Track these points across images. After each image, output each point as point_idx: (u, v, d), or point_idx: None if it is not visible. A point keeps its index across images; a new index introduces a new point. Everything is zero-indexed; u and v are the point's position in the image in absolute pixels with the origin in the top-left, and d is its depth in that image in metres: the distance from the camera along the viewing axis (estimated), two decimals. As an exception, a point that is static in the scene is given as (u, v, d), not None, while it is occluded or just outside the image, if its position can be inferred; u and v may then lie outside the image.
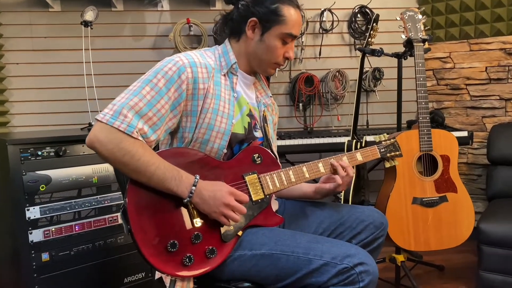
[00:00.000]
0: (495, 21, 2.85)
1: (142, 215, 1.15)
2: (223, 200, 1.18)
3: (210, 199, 1.17)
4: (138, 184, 1.16)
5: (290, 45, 1.36)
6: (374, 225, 1.42)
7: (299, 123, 3.01)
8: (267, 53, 1.34)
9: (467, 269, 2.54)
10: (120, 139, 1.13)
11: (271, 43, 1.32)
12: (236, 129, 1.34)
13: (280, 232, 1.26)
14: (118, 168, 1.16)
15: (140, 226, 1.14)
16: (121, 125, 1.13)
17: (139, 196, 1.17)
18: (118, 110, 1.15)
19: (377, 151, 1.56)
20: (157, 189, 1.16)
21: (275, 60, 1.36)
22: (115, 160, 1.13)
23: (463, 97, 3.01)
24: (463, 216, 2.01)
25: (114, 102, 1.17)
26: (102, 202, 2.07)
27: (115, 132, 1.13)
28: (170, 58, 1.26)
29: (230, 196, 1.19)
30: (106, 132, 1.13)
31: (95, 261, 2.02)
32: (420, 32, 2.03)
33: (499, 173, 2.67)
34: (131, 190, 1.16)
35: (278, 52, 1.34)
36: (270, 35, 1.32)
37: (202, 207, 1.18)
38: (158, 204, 1.18)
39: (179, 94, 1.23)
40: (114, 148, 1.12)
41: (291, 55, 1.37)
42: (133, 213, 1.14)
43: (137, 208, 1.15)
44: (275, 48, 1.33)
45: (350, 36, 3.06)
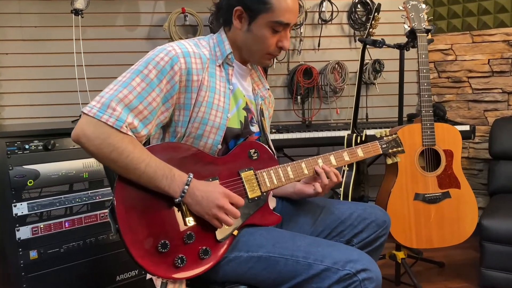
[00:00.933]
0: (499, 12, 2.78)
1: (131, 214, 1.08)
2: (217, 202, 1.11)
3: (203, 200, 1.10)
4: (127, 181, 1.10)
5: (283, 33, 1.25)
6: (376, 223, 1.36)
7: (297, 116, 2.94)
8: (257, 43, 1.25)
9: (468, 266, 2.49)
10: (108, 134, 1.05)
11: (259, 33, 1.23)
12: (232, 123, 1.26)
13: (279, 234, 1.19)
14: (106, 165, 1.09)
15: (129, 225, 1.07)
16: (109, 119, 1.06)
17: (128, 193, 1.10)
18: (106, 103, 1.07)
19: (378, 147, 1.49)
20: (148, 187, 1.09)
21: (267, 51, 1.27)
22: (103, 156, 1.06)
23: (464, 90, 2.94)
24: (466, 213, 1.95)
25: (101, 94, 1.10)
26: (93, 198, 2.00)
27: (103, 127, 1.05)
28: (162, 48, 1.18)
29: (224, 198, 1.12)
30: (93, 127, 1.05)
31: (86, 259, 1.96)
32: (424, 22, 1.96)
33: (501, 168, 2.61)
34: (119, 187, 1.10)
35: (269, 42, 1.25)
36: (257, 24, 1.22)
37: (195, 208, 1.11)
38: (148, 202, 1.11)
39: (171, 86, 1.16)
40: (101, 144, 1.05)
41: (285, 44, 1.26)
42: (121, 211, 1.07)
43: (126, 206, 1.08)
44: (264, 38, 1.24)
45: (349, 27, 2.98)
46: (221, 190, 1.13)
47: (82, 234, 1.94)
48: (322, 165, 1.34)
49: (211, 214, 1.11)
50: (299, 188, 1.40)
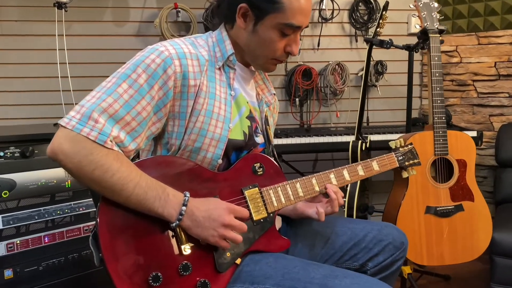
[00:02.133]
0: (506, 13, 2.66)
1: (118, 241, 0.93)
2: (221, 220, 0.96)
3: (205, 220, 0.95)
4: (112, 201, 0.94)
5: (292, 37, 1.09)
6: (393, 246, 1.22)
7: (295, 120, 2.79)
8: (262, 47, 1.09)
9: (475, 279, 2.37)
10: (90, 150, 0.89)
11: (265, 36, 1.07)
12: (234, 134, 1.11)
13: (289, 262, 1.04)
14: (88, 185, 0.92)
15: (115, 254, 0.91)
16: (90, 132, 0.90)
17: (114, 216, 0.94)
18: (87, 114, 0.91)
19: (395, 160, 1.35)
20: (138, 210, 0.93)
21: (273, 56, 1.11)
22: (84, 176, 0.90)
23: (469, 94, 2.82)
24: (479, 227, 1.82)
25: (82, 103, 0.94)
26: (77, 209, 1.82)
27: (83, 141, 0.90)
28: (153, 48, 1.02)
29: (229, 215, 0.98)
30: (71, 141, 0.89)
31: (68, 277, 1.78)
32: (436, 22, 1.82)
33: (509, 176, 2.50)
34: (103, 208, 0.94)
35: (276, 46, 1.09)
36: (264, 25, 1.06)
37: (195, 231, 0.96)
38: (137, 227, 0.95)
39: (164, 93, 1.00)
40: (81, 162, 0.89)
41: (294, 50, 1.10)
42: (106, 237, 0.92)
43: (111, 232, 0.93)
44: (271, 42, 1.08)
45: (351, 26, 2.83)
46: (224, 206, 0.99)
47: (64, 249, 1.77)
48: (336, 190, 1.18)
49: (217, 235, 0.96)
50: (300, 208, 1.24)
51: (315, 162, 2.91)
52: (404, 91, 2.88)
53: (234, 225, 0.98)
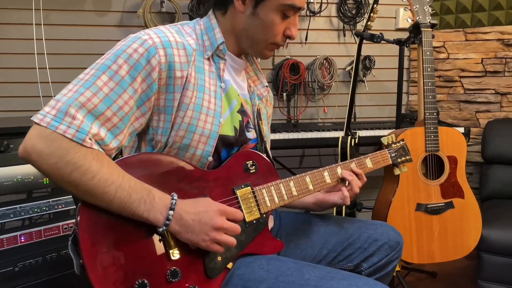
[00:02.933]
0: (493, 9, 2.65)
1: (100, 246, 0.85)
2: (213, 223, 0.90)
3: (195, 224, 0.89)
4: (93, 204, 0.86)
5: (292, 20, 1.05)
6: (389, 246, 1.19)
7: (282, 115, 2.74)
8: (263, 30, 1.03)
9: (461, 275, 2.38)
10: (66, 149, 0.82)
11: (267, 18, 1.01)
12: (225, 130, 1.04)
13: (282, 264, 0.98)
14: (66, 188, 0.84)
15: (97, 260, 0.84)
16: (67, 129, 0.82)
17: (95, 219, 0.87)
18: (63, 109, 0.83)
19: (388, 157, 1.31)
20: (121, 214, 0.86)
21: (273, 40, 1.05)
22: (60, 178, 0.83)
23: (456, 90, 2.81)
24: (469, 224, 1.81)
25: (57, 98, 0.86)
26: (55, 207, 1.73)
27: (59, 140, 0.82)
28: (135, 36, 0.95)
29: (221, 217, 0.91)
30: (46, 140, 0.81)
31: (46, 277, 1.69)
32: (428, 15, 1.78)
33: (495, 173, 2.50)
34: (84, 211, 0.86)
35: (277, 29, 1.03)
36: (265, 7, 1.00)
37: (185, 236, 0.89)
38: (121, 230, 0.88)
39: (148, 86, 0.93)
40: (57, 163, 0.81)
41: (294, 33, 1.06)
42: (87, 243, 0.84)
43: (93, 236, 0.85)
44: (272, 24, 1.02)
45: (339, 21, 2.79)
46: (215, 208, 0.92)
47: (42, 249, 1.67)
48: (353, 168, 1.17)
49: (208, 240, 0.90)
50: (321, 199, 1.21)
51: (301, 158, 2.87)
52: (391, 86, 2.89)
53: (226, 227, 0.92)
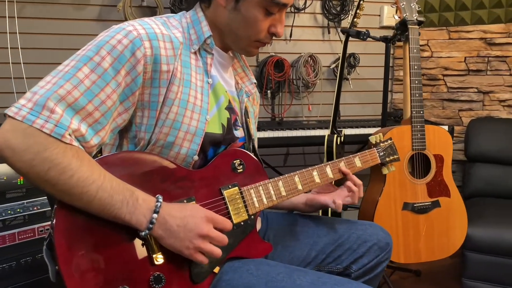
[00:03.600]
0: (476, 8, 2.67)
1: (77, 251, 0.80)
2: (198, 230, 0.84)
3: (179, 230, 0.83)
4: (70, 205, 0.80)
5: (277, 16, 0.99)
6: (378, 247, 1.16)
7: (266, 112, 2.70)
8: (245, 27, 0.98)
9: (445, 273, 2.38)
10: (44, 145, 0.76)
11: (249, 14, 0.96)
12: (211, 127, 0.99)
13: (272, 269, 0.94)
14: (42, 187, 0.78)
15: (74, 266, 0.79)
16: (45, 124, 0.76)
17: (72, 222, 0.81)
18: (40, 102, 0.77)
19: (376, 156, 1.29)
20: (101, 217, 0.80)
21: (256, 37, 1.00)
22: (36, 176, 0.76)
23: (439, 89, 2.82)
24: (455, 223, 1.80)
25: (34, 90, 0.79)
26: (30, 209, 1.65)
27: (36, 135, 0.76)
28: (119, 27, 0.89)
29: (208, 224, 0.86)
30: (21, 135, 0.75)
31: (21, 283, 1.61)
32: (415, 13, 1.77)
33: (478, 171, 2.52)
34: (60, 213, 0.80)
35: (260, 26, 0.98)
36: (247, 2, 0.95)
37: (168, 241, 0.84)
38: (101, 233, 0.82)
39: (132, 79, 0.87)
40: (33, 160, 0.75)
41: (279, 30, 1.01)
42: (63, 247, 0.78)
43: (70, 241, 0.79)
44: (254, 21, 0.97)
45: (323, 17, 2.76)
46: (202, 214, 0.87)
47: (16, 253, 1.60)
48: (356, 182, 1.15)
49: (192, 248, 0.84)
50: (311, 198, 1.18)
51: (286, 156, 2.83)
52: (375, 84, 2.88)
53: (212, 236, 0.86)
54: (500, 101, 2.69)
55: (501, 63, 2.65)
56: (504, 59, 2.64)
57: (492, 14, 2.63)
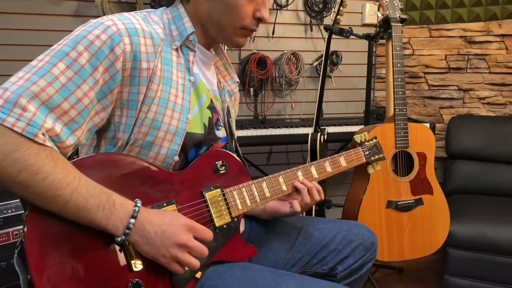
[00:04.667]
0: (456, 7, 2.69)
1: (51, 259, 0.75)
2: (177, 239, 0.81)
3: (156, 237, 0.80)
4: (44, 210, 0.76)
5: (260, 0, 0.95)
6: (364, 247, 1.14)
7: (249, 110, 2.67)
8: (228, 13, 0.93)
9: (427, 270, 2.40)
10: (15, 145, 0.71)
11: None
12: (193, 127, 0.96)
13: (257, 274, 0.91)
14: (13, 190, 0.73)
15: (48, 276, 0.74)
16: (16, 123, 0.71)
17: (45, 229, 0.77)
18: (12, 99, 0.72)
19: (362, 155, 1.27)
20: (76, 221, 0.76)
21: (241, 23, 0.95)
22: (7, 178, 0.72)
23: (421, 86, 2.84)
24: (438, 221, 1.81)
25: (5, 86, 0.75)
26: (4, 212, 1.59)
27: (7, 135, 0.71)
28: (97, 21, 0.85)
29: (187, 233, 0.82)
30: None
31: (-5, 289, 1.56)
32: (398, 10, 1.76)
33: (459, 168, 2.54)
34: (32, 218, 0.76)
35: (244, 11, 0.93)
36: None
37: (145, 248, 0.80)
38: (76, 240, 0.78)
39: (110, 76, 0.83)
40: (4, 161, 0.71)
41: (265, 14, 0.96)
42: (35, 255, 0.74)
43: (43, 248, 0.75)
44: (236, 5, 0.92)
45: (306, 15, 2.74)
46: (182, 222, 0.83)
47: (-11, 258, 1.54)
48: (303, 180, 1.08)
49: (169, 257, 0.81)
50: (272, 206, 1.13)
51: (269, 155, 2.81)
52: (357, 82, 2.88)
53: (191, 246, 0.82)
54: (480, 98, 2.72)
55: (480, 61, 2.68)
56: (483, 57, 2.67)
57: (471, 13, 2.66)
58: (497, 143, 2.45)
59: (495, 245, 1.92)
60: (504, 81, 2.64)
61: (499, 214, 2.06)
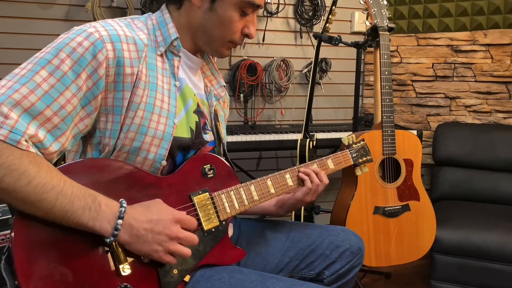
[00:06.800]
0: (443, 16, 2.74)
1: (38, 264, 0.75)
2: (168, 232, 0.82)
3: (147, 234, 0.81)
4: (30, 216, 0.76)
5: (250, 17, 1.00)
6: (351, 252, 1.16)
7: (239, 116, 2.68)
8: (220, 27, 0.97)
9: (414, 275, 2.43)
10: None
11: (225, 14, 0.95)
12: (180, 131, 0.97)
13: (245, 277, 0.92)
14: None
15: (35, 282, 0.74)
16: None
17: (32, 234, 0.77)
18: None
19: (349, 157, 1.29)
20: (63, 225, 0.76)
21: (230, 38, 0.99)
22: None
23: (408, 94, 2.88)
24: (424, 226, 1.83)
25: None
26: (-10, 216, 1.57)
27: None
28: (80, 28, 0.86)
29: (176, 225, 0.84)
30: None
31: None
32: (386, 19, 1.80)
33: (445, 174, 2.58)
34: (19, 223, 0.76)
35: (235, 27, 0.98)
36: (224, 3, 0.95)
37: (137, 247, 0.81)
38: (64, 244, 0.79)
39: (94, 83, 0.84)
40: None
41: (252, 31, 1.00)
42: (23, 261, 0.74)
43: (30, 253, 0.75)
44: (230, 21, 0.96)
45: (295, 22, 2.77)
46: (169, 216, 0.84)
47: (-26, 263, 1.52)
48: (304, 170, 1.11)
49: (161, 250, 0.82)
50: (280, 198, 1.16)
51: (258, 160, 2.82)
52: (346, 89, 2.92)
53: (181, 237, 0.84)
54: (466, 106, 2.77)
55: (466, 69, 2.73)
56: (469, 66, 2.72)
57: (458, 22, 2.71)
58: (483, 151, 2.49)
59: (480, 251, 1.95)
60: (489, 90, 2.70)
61: (484, 220, 2.10)
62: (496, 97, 2.70)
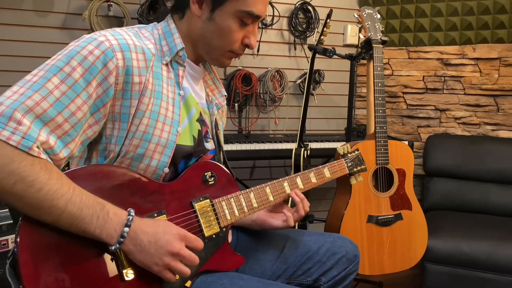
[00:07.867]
0: (433, 30, 2.81)
1: (43, 269, 0.76)
2: (170, 247, 0.83)
3: (150, 246, 0.82)
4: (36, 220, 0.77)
5: (251, 28, 1.01)
6: (347, 259, 1.18)
7: (233, 125, 2.71)
8: (219, 37, 0.99)
9: (406, 285, 2.45)
10: (10, 158, 0.73)
11: (224, 24, 0.97)
12: (182, 139, 0.99)
13: (245, 283, 0.94)
14: (8, 202, 0.75)
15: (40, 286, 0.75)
16: (11, 136, 0.73)
17: (38, 238, 0.78)
18: (6, 113, 0.74)
19: (345, 166, 1.32)
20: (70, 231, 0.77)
21: (230, 47, 1.01)
22: (2, 189, 0.73)
23: (399, 106, 2.94)
24: (416, 236, 1.86)
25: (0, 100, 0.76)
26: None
27: (2, 147, 0.73)
28: (90, 37, 0.87)
29: (180, 242, 0.85)
30: None
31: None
32: (379, 32, 1.85)
33: (436, 185, 2.62)
34: (25, 229, 0.77)
35: (234, 37, 0.99)
36: (223, 12, 0.96)
37: (139, 257, 0.82)
38: (68, 250, 0.80)
39: (104, 91, 0.86)
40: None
41: (253, 42, 1.02)
42: (28, 265, 0.75)
43: (35, 258, 0.76)
44: (229, 31, 0.98)
45: (290, 34, 2.82)
46: (175, 231, 0.86)
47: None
48: (296, 191, 1.12)
49: (161, 265, 0.83)
50: (262, 219, 1.16)
51: (252, 169, 2.84)
52: (338, 100, 2.97)
53: (183, 255, 0.85)
54: (456, 118, 2.83)
55: (456, 82, 2.80)
56: (459, 79, 2.79)
57: (448, 36, 2.78)
58: (472, 162, 2.54)
59: (471, 260, 1.99)
60: (478, 102, 2.76)
61: (474, 230, 2.14)
62: (485, 109, 2.77)
